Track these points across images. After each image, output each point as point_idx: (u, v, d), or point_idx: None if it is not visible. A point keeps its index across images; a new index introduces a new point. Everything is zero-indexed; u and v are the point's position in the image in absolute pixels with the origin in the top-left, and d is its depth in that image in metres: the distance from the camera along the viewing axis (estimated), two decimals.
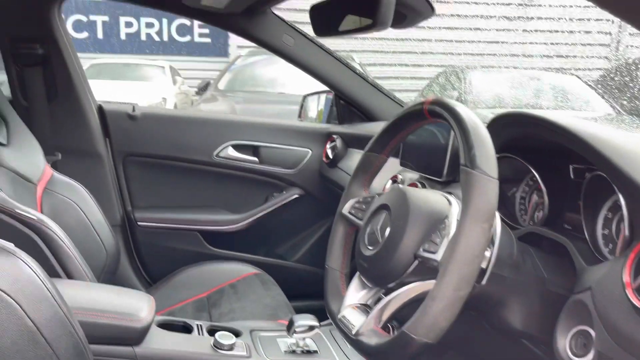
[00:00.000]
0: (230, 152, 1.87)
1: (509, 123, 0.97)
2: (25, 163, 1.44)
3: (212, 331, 1.12)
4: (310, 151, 1.92)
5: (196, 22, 9.68)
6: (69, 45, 1.64)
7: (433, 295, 0.66)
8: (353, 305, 0.84)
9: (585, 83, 5.34)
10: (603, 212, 0.82)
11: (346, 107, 1.89)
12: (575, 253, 0.79)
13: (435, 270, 0.70)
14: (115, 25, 10.84)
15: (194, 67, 10.35)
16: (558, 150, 0.86)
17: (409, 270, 0.75)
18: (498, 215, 0.74)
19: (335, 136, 1.83)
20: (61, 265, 1.17)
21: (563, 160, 0.89)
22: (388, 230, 0.78)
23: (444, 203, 0.78)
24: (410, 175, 1.31)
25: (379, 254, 0.79)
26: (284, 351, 1.12)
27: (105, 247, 1.53)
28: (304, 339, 1.11)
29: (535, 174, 0.96)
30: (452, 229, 0.72)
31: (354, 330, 0.79)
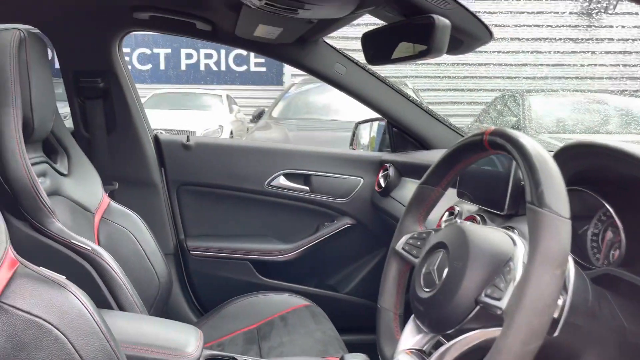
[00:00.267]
0: (282, 181, 1.86)
1: (579, 154, 0.89)
2: (84, 193, 1.48)
3: None
4: (362, 180, 1.88)
5: (252, 53, 9.99)
6: (128, 78, 1.69)
7: (498, 349, 0.59)
8: (408, 350, 0.78)
9: None
10: None
11: (399, 135, 1.84)
12: None
13: (499, 318, 0.63)
14: (177, 57, 11.37)
15: (250, 96, 10.65)
16: (635, 181, 0.78)
17: (470, 317, 0.69)
18: (570, 258, 0.67)
19: (388, 164, 1.78)
20: (113, 296, 1.18)
21: None
22: (446, 271, 0.73)
23: (508, 243, 0.71)
24: (468, 207, 1.24)
25: (436, 297, 0.73)
26: None
27: (158, 276, 1.54)
28: None
29: (610, 208, 0.87)
30: (518, 273, 0.65)
31: None
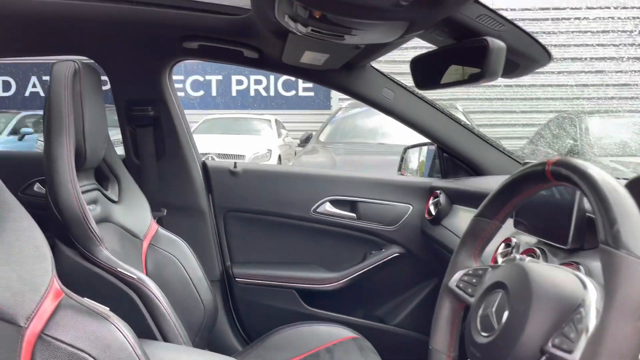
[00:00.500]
0: (328, 208, 1.83)
1: None
2: (133, 219, 1.50)
3: None
4: (411, 207, 1.82)
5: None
6: (177, 106, 1.72)
7: None
8: None
9: None
10: None
11: (450, 160, 1.77)
12: None
13: None
14: (227, 83, 11.71)
15: (298, 120, 10.79)
16: None
17: None
18: None
19: (438, 191, 1.72)
20: (157, 325, 1.17)
21: None
22: (506, 314, 0.66)
23: (577, 286, 0.64)
24: (527, 239, 1.16)
25: (495, 343, 0.66)
26: None
27: (204, 304, 1.53)
28: None
29: None
30: (591, 321, 0.58)
31: None
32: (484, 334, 0.69)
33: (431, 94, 1.72)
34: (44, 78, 11.32)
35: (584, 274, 0.67)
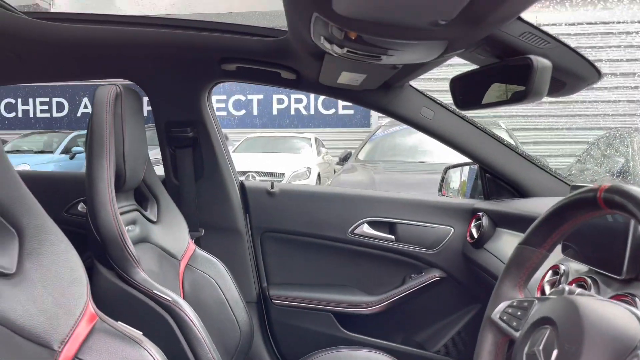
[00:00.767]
0: (366, 229, 1.79)
1: None
2: (171, 239, 1.51)
3: None
4: (452, 229, 1.76)
5: None
6: (215, 127, 1.74)
7: None
8: None
9: None
10: None
11: (493, 181, 1.71)
12: None
13: None
14: (269, 102, 11.90)
15: (338, 138, 10.81)
16: None
17: None
18: None
19: (481, 213, 1.65)
20: (191, 349, 1.16)
21: None
22: (555, 354, 0.61)
23: (634, 324, 0.59)
24: (576, 267, 1.08)
25: None
26: None
27: (240, 326, 1.51)
28: None
29: None
30: None
31: None
32: None
33: (472, 111, 1.67)
34: None
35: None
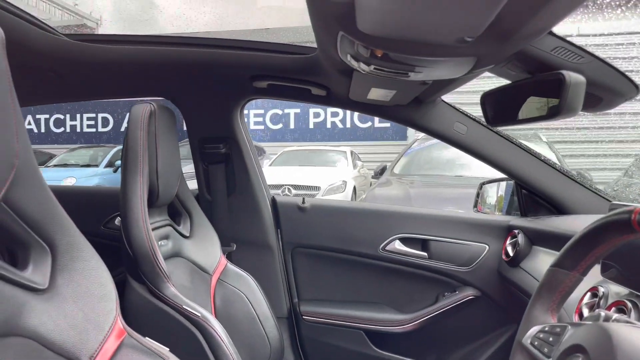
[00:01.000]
0: (398, 246, 1.76)
1: None
2: (203, 254, 1.53)
3: None
4: (487, 247, 1.71)
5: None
6: (247, 143, 1.76)
7: None
8: None
9: None
10: None
11: (530, 197, 1.66)
12: None
13: None
14: (305, 116, 11.99)
15: (375, 151, 10.77)
16: None
17: None
18: None
19: (516, 231, 1.60)
20: None
21: None
22: None
23: None
24: (617, 290, 1.03)
25: None
26: None
27: (270, 341, 1.51)
28: None
29: None
30: None
31: None
32: None
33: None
34: None
35: None
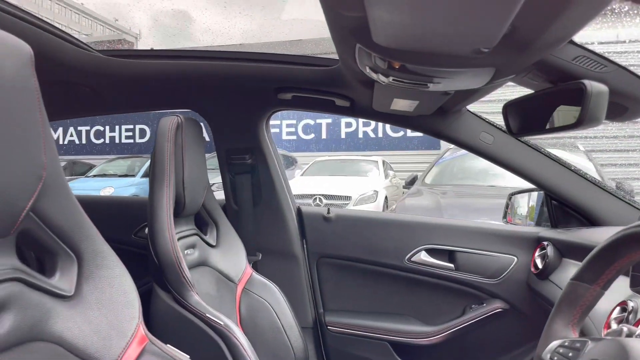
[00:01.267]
0: (424, 257, 1.75)
1: None
2: (229, 263, 1.55)
3: None
4: (515, 259, 1.68)
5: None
6: (273, 154, 1.79)
7: None
8: None
9: None
10: None
11: (560, 208, 1.62)
12: None
13: None
14: (337, 126, 12.02)
15: (407, 161, 10.69)
16: None
17: None
18: None
19: (546, 242, 1.56)
20: None
21: None
22: None
23: None
24: None
25: None
26: None
27: (294, 351, 1.52)
28: None
29: None
30: None
31: None
32: None
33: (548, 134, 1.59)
34: None
35: None
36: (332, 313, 1.81)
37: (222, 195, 1.85)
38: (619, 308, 1.07)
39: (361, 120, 11.69)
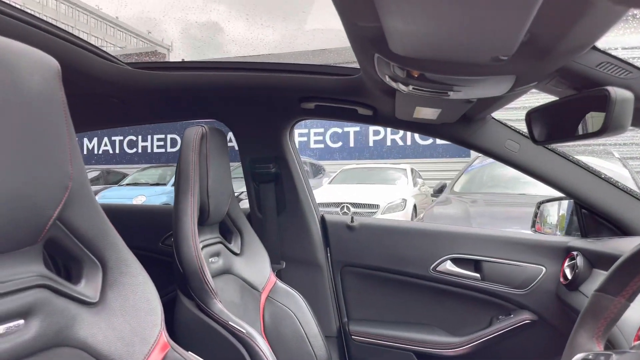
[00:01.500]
0: (449, 267, 1.73)
1: None
2: (253, 271, 1.57)
3: None
4: (544, 269, 1.64)
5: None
6: (297, 162, 1.80)
7: None
8: None
9: None
10: None
11: (590, 217, 1.57)
12: None
13: None
14: (365, 134, 12.00)
15: (436, 169, 10.58)
16: None
17: None
18: None
19: (575, 252, 1.52)
20: None
21: None
22: None
23: None
24: None
25: None
26: None
27: None
28: None
29: None
30: None
31: None
32: None
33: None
34: None
35: None
36: (357, 322, 1.81)
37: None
38: None
39: (389, 128, 11.64)
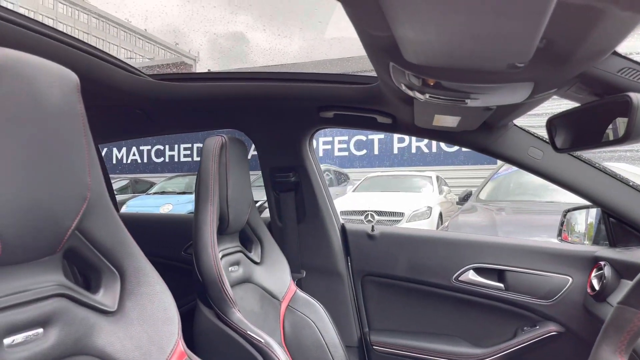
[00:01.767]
0: (472, 277, 1.70)
1: None
2: (273, 280, 1.57)
3: None
4: (570, 279, 1.60)
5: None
6: (316, 171, 1.80)
7: None
8: None
9: None
10: None
11: (619, 226, 1.53)
12: None
13: None
14: (389, 141, 11.94)
15: (463, 176, 10.44)
16: None
17: None
18: None
19: (603, 262, 1.48)
20: None
21: None
22: None
23: None
24: None
25: None
26: None
27: None
28: None
29: None
30: None
31: None
32: None
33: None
34: None
35: None
36: (378, 332, 1.79)
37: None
38: None
39: None
